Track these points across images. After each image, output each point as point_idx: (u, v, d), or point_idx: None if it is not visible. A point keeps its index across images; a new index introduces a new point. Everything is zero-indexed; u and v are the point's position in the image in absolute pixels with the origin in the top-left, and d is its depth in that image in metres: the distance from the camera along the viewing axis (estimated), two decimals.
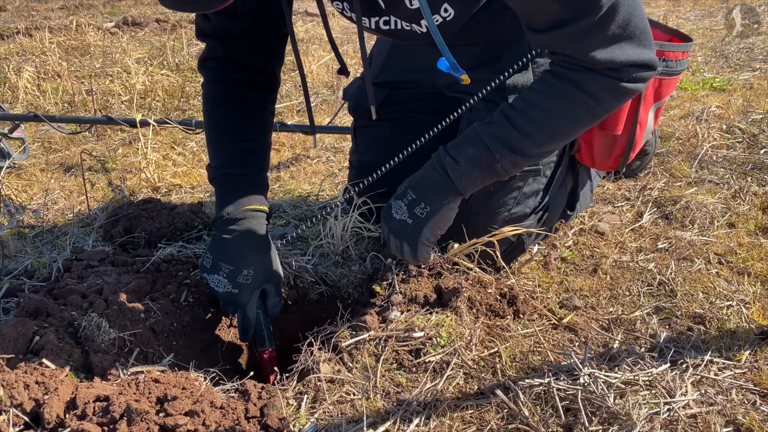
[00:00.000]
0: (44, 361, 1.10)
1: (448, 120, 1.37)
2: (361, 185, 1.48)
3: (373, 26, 1.37)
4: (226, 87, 1.40)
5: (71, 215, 1.83)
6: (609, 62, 1.13)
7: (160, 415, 1.02)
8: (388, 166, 1.39)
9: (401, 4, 1.26)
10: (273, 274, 1.35)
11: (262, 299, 1.34)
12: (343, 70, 1.40)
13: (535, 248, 1.62)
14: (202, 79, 1.44)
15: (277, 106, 2.96)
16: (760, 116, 2.54)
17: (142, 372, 1.14)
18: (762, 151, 2.21)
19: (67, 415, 1.01)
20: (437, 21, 1.22)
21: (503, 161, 1.25)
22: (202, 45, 4.33)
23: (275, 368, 1.34)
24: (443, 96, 1.60)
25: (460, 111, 1.36)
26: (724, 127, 2.43)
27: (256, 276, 1.31)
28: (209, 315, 1.41)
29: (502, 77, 1.36)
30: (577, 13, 1.06)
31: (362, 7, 1.29)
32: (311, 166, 2.31)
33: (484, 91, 1.35)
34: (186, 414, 1.02)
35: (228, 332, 1.45)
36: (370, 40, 1.66)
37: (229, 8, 1.11)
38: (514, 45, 1.45)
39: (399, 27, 1.35)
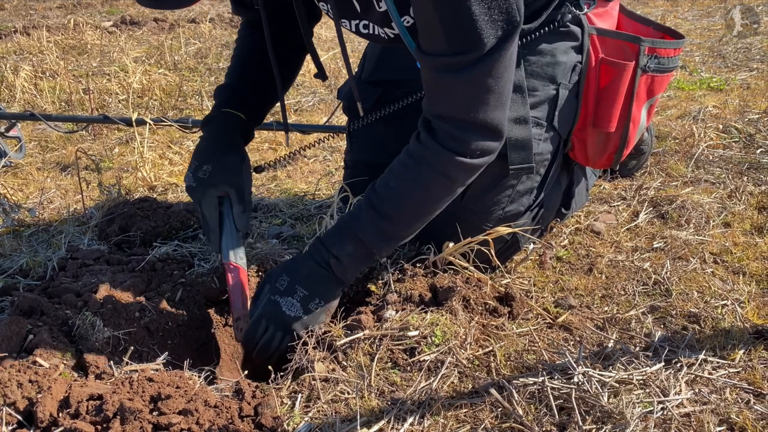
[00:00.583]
0: (38, 359, 1.10)
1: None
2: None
3: (353, 29, 1.37)
4: (251, 35, 1.48)
5: (67, 214, 1.83)
6: (470, 116, 1.14)
7: (154, 413, 1.01)
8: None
9: (372, 6, 1.27)
10: (233, 176, 1.33)
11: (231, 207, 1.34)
12: (320, 74, 1.45)
13: (531, 247, 1.62)
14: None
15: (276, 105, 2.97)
16: (757, 116, 2.54)
17: (136, 371, 1.14)
18: (758, 151, 2.21)
19: (60, 414, 1.01)
20: (408, 23, 1.23)
21: (380, 250, 1.28)
22: (199, 44, 4.30)
23: (240, 291, 1.30)
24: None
25: None
26: (721, 126, 2.43)
27: (213, 174, 1.32)
28: (204, 314, 1.41)
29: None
30: (459, 48, 1.07)
31: (340, 10, 1.31)
32: (307, 165, 2.31)
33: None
34: (179, 413, 1.02)
35: (224, 331, 1.44)
36: (363, 40, 1.67)
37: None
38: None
39: (375, 32, 1.36)
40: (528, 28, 1.40)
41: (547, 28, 1.43)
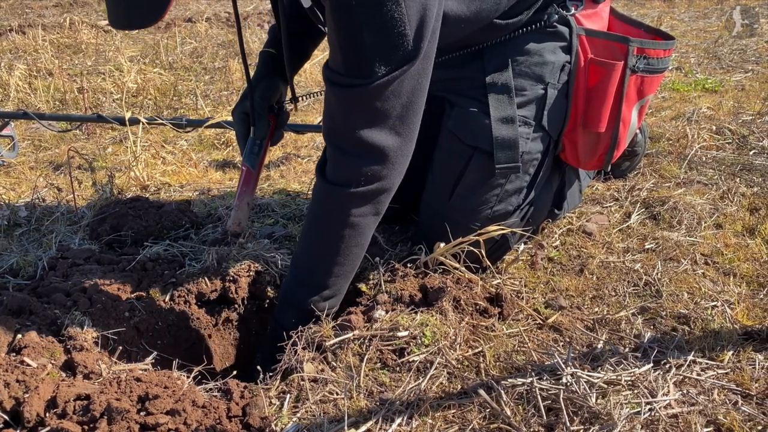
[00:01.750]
0: (25, 359, 1.10)
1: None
2: None
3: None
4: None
5: (59, 213, 1.82)
6: (354, 133, 1.15)
7: (141, 414, 1.01)
8: None
9: None
10: (254, 96, 1.49)
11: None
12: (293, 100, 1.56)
13: (521, 248, 1.62)
14: None
15: None
16: (751, 117, 2.55)
17: (125, 371, 1.14)
18: (751, 153, 2.21)
19: (47, 414, 1.01)
20: None
21: (317, 305, 1.29)
22: (195, 43, 4.29)
23: (246, 188, 1.49)
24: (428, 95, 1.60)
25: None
26: (714, 128, 2.43)
27: (242, 97, 1.54)
28: (195, 314, 1.41)
29: (482, 74, 1.38)
30: (353, 73, 1.12)
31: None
32: (301, 165, 2.31)
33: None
34: (167, 413, 1.02)
35: (214, 331, 1.44)
36: None
37: None
38: (495, 45, 1.46)
39: None
40: (511, 23, 1.41)
41: (533, 26, 1.43)
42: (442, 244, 1.44)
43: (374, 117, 1.15)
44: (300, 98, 1.65)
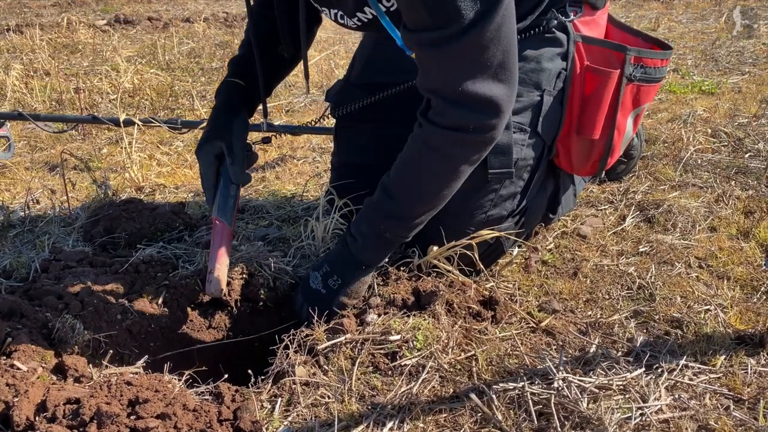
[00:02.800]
0: (16, 362, 1.09)
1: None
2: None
3: (332, 17, 1.39)
4: (264, 15, 1.52)
5: (53, 215, 1.82)
6: (459, 89, 1.14)
7: (131, 417, 1.01)
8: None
9: None
10: (224, 132, 1.40)
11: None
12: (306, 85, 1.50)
13: (516, 251, 1.62)
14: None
15: (268, 105, 2.96)
16: (746, 120, 2.55)
17: (115, 374, 1.14)
18: (747, 155, 2.21)
19: (36, 418, 1.01)
20: (389, 7, 1.25)
21: (391, 231, 1.32)
22: (192, 43, 4.29)
23: (220, 247, 1.33)
24: (422, 97, 1.61)
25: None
26: (710, 130, 2.44)
27: (209, 131, 1.42)
28: (187, 317, 1.41)
29: None
30: (440, 23, 1.08)
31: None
32: (297, 166, 2.31)
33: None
34: (157, 417, 1.02)
35: (207, 334, 1.44)
36: (356, 42, 1.67)
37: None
38: None
39: (346, 22, 1.38)
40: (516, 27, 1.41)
41: (532, 32, 1.43)
42: (436, 248, 1.44)
43: (476, 69, 1.12)
44: (274, 136, 1.61)
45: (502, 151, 1.41)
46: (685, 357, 1.22)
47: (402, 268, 1.45)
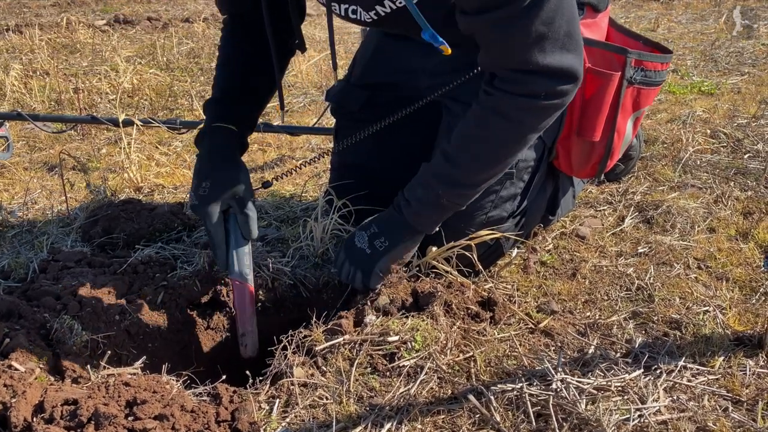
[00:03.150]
0: (13, 363, 1.09)
1: (413, 108, 1.41)
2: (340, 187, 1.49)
3: (342, 13, 1.38)
4: (236, 38, 1.49)
5: (51, 215, 1.82)
6: (530, 63, 1.14)
7: (129, 418, 1.01)
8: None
9: None
10: (234, 189, 1.32)
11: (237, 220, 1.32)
12: (300, 45, 1.46)
13: (515, 252, 1.61)
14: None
15: (266, 106, 2.96)
16: (746, 121, 2.55)
17: (113, 375, 1.13)
18: (746, 156, 2.21)
19: (34, 419, 1.01)
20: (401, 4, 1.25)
21: (447, 196, 1.32)
22: (192, 44, 4.30)
23: (246, 306, 1.30)
24: (423, 99, 1.60)
25: (421, 100, 1.41)
26: (709, 131, 2.43)
27: (214, 189, 1.31)
28: (186, 317, 1.41)
29: (468, 76, 1.39)
30: (503, 1, 1.09)
31: None
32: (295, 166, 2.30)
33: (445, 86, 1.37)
34: (155, 418, 1.02)
35: (205, 334, 1.44)
36: (357, 42, 1.67)
37: None
38: None
39: (360, 17, 1.36)
40: None
41: None
42: (435, 248, 1.44)
43: (545, 42, 1.12)
44: (275, 180, 1.56)
45: None
46: (683, 358, 1.22)
47: (400, 269, 1.44)
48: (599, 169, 1.55)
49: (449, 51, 1.24)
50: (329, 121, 2.66)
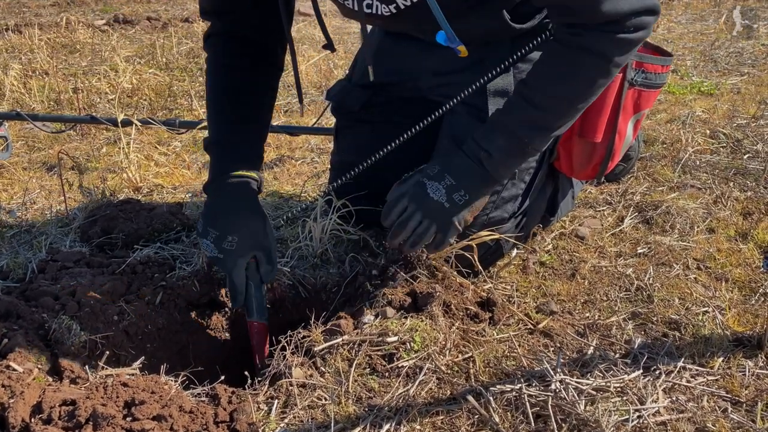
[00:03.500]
0: (11, 364, 1.09)
1: (425, 122, 1.37)
2: (338, 183, 1.48)
3: (356, 7, 1.35)
4: (225, 60, 1.44)
5: (50, 215, 1.82)
6: (613, 13, 1.13)
7: (127, 419, 1.01)
8: (363, 165, 1.40)
9: None
10: (261, 241, 1.33)
11: (257, 267, 1.34)
12: (329, 46, 1.40)
13: (514, 252, 1.61)
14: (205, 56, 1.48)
15: None
16: (745, 121, 2.55)
17: (111, 375, 1.13)
18: (745, 157, 2.21)
19: (32, 420, 1.00)
20: None
21: (533, 142, 1.29)
22: (191, 44, 4.30)
23: (265, 345, 1.33)
24: (425, 99, 1.60)
25: (438, 112, 1.38)
26: (709, 131, 2.43)
27: (242, 243, 1.31)
28: (184, 318, 1.41)
29: (482, 80, 1.37)
30: None
31: None
32: (295, 167, 2.30)
33: (464, 94, 1.35)
34: (153, 418, 1.02)
35: (204, 335, 1.44)
36: (356, 42, 1.67)
37: None
38: (498, 47, 1.45)
39: (377, 11, 1.34)
40: (522, 27, 1.41)
41: (539, 39, 1.43)
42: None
43: None
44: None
45: None
46: (683, 359, 1.22)
47: (399, 269, 1.44)
48: (600, 170, 1.55)
49: (466, 52, 1.23)
50: (329, 120, 2.66)
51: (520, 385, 1.13)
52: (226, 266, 1.32)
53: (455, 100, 1.37)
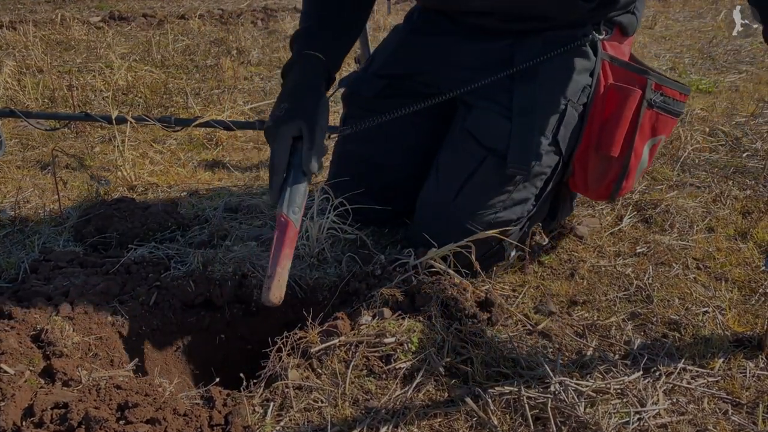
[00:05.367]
0: (2, 365, 1.07)
1: (432, 102, 1.40)
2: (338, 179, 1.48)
3: None
4: None
5: (44, 214, 1.80)
6: None
7: (120, 422, 0.99)
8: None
9: None
10: (307, 113, 1.26)
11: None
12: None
13: (513, 252, 1.60)
14: None
15: (261, 103, 2.94)
16: (744, 119, 2.54)
17: (104, 378, 1.12)
18: (744, 155, 2.20)
19: (23, 423, 0.99)
20: None
21: None
22: (187, 40, 4.26)
23: (283, 248, 1.18)
24: (440, 96, 1.59)
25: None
26: (708, 129, 2.42)
27: (288, 111, 1.26)
28: (179, 318, 1.39)
29: (508, 75, 1.42)
30: None
31: None
32: None
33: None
34: (147, 422, 1.00)
35: (199, 336, 1.42)
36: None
37: None
38: (531, 46, 1.48)
39: None
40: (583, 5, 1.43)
41: (572, 45, 1.46)
42: (433, 249, 1.42)
43: None
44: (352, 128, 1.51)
45: (524, 147, 1.41)
46: (683, 360, 1.21)
47: (397, 269, 1.43)
48: (614, 188, 1.53)
49: None
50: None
51: (518, 387, 1.11)
52: (271, 135, 1.26)
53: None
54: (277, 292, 1.16)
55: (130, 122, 2.07)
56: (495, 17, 1.50)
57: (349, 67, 3.37)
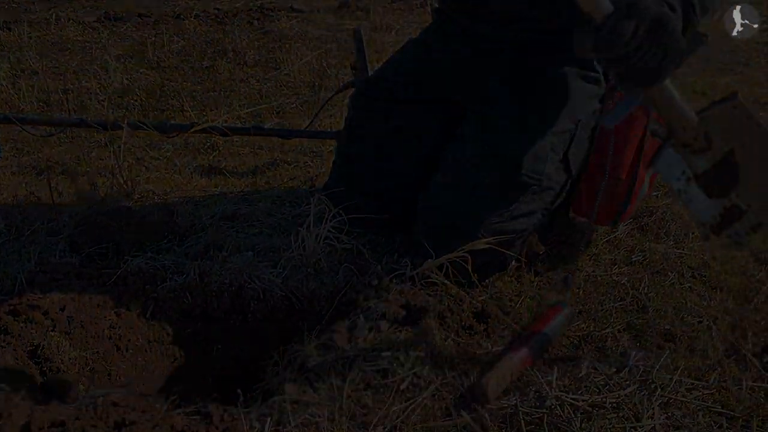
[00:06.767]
0: None
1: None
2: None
3: None
4: None
5: (39, 223, 1.79)
6: None
7: None
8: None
9: None
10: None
11: None
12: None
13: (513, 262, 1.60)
14: None
15: (257, 107, 2.94)
16: None
17: (101, 395, 1.12)
18: None
19: None
20: None
21: None
22: (183, 41, 4.23)
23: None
24: (453, 107, 1.60)
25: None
26: None
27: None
28: (176, 330, 1.39)
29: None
30: None
31: None
32: (288, 171, 2.28)
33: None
34: None
35: (195, 348, 1.42)
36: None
37: None
38: (545, 59, 1.50)
39: None
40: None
41: (584, 72, 1.49)
42: (430, 259, 1.42)
43: None
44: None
45: (537, 157, 1.43)
46: (678, 372, 1.21)
47: (394, 281, 1.43)
48: (618, 211, 1.54)
49: None
50: (322, 123, 2.64)
51: (515, 401, 1.12)
52: None
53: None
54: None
55: (126, 130, 2.06)
56: (511, 27, 1.51)
57: (346, 70, 3.37)
